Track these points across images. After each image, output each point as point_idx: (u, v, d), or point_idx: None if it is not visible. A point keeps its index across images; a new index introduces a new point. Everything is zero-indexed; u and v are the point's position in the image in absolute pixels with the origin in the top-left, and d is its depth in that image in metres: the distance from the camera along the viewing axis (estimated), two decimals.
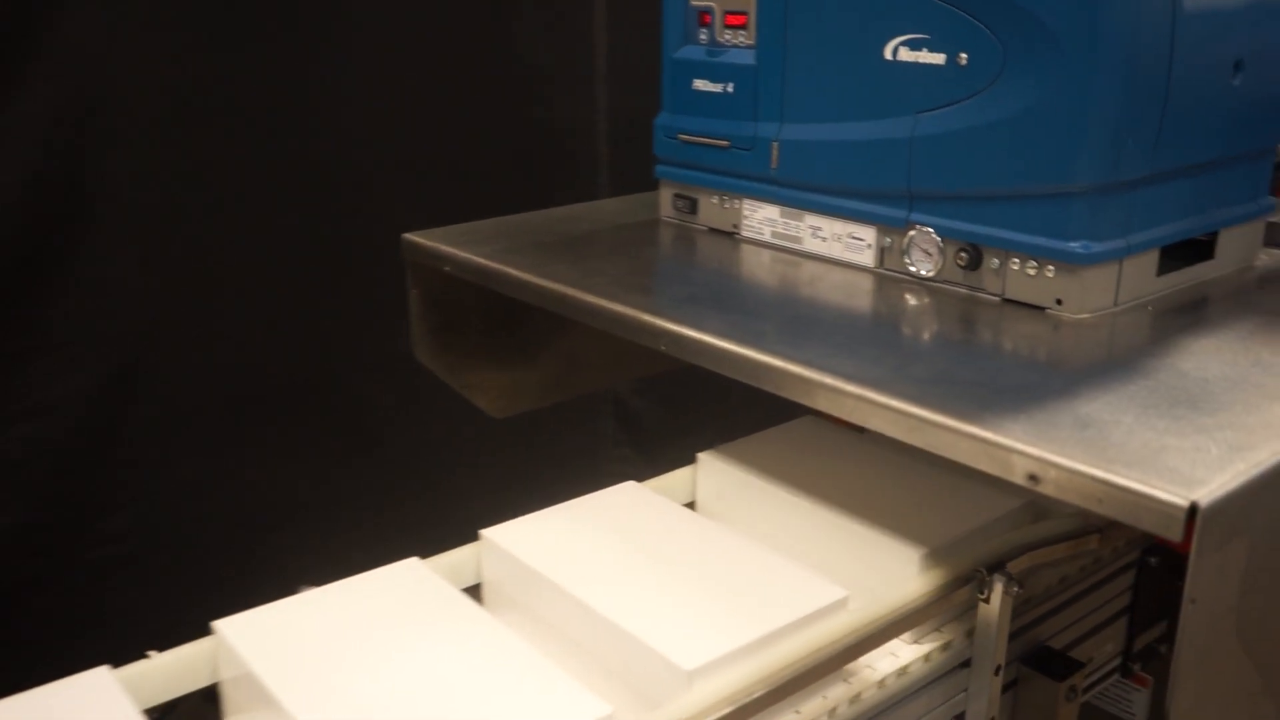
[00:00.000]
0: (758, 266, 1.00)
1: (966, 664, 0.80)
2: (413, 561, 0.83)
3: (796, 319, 0.87)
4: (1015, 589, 0.76)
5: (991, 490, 0.90)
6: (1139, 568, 0.94)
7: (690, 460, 1.02)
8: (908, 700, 0.76)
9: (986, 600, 0.77)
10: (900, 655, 0.77)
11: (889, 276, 0.95)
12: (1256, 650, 0.66)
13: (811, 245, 1.01)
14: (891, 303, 0.90)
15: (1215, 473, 0.59)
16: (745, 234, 1.07)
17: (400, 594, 0.78)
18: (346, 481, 1.51)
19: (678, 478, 1.02)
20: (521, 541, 0.85)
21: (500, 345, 1.21)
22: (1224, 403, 0.69)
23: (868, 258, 0.97)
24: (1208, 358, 0.76)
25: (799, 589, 0.78)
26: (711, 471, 1.00)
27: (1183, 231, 0.89)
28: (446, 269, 1.06)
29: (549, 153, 1.61)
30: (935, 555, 0.81)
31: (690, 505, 0.99)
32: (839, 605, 0.77)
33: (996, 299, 0.88)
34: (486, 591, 0.88)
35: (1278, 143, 0.94)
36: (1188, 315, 0.86)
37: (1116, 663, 0.95)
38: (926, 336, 0.84)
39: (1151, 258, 0.87)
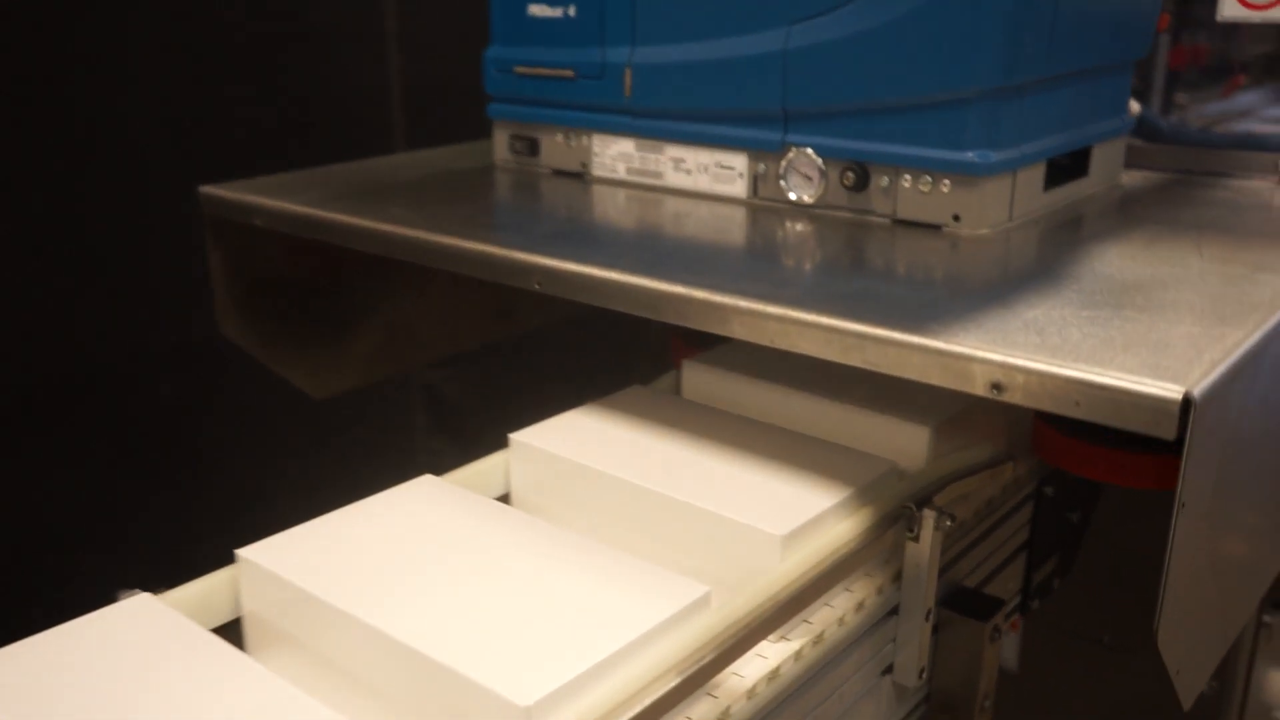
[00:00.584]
0: (617, 205, 0.91)
1: (893, 612, 0.73)
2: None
3: (678, 251, 0.78)
4: (947, 522, 0.70)
5: (852, 458, 0.77)
6: (1036, 500, 0.90)
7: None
8: (841, 659, 0.69)
9: (916, 538, 0.70)
10: (835, 605, 0.69)
11: (766, 207, 0.87)
12: (1220, 557, 0.62)
13: (674, 180, 0.92)
14: (776, 231, 0.82)
15: (1193, 365, 0.54)
16: (596, 173, 0.97)
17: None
18: (148, 483, 1.32)
19: (487, 467, 0.79)
20: (288, 559, 0.63)
21: (317, 315, 1.07)
22: (1164, 301, 0.65)
23: (739, 188, 0.89)
24: (1125, 263, 0.72)
25: (652, 590, 0.60)
26: (527, 456, 0.78)
27: (1066, 144, 0.85)
28: (256, 222, 0.91)
29: (339, 115, 1.46)
30: (847, 503, 0.73)
31: (505, 498, 0.80)
32: (701, 603, 0.59)
33: (886, 220, 0.82)
34: (249, 622, 0.66)
35: (1143, 55, 0.92)
36: (1080, 228, 0.82)
37: (1016, 601, 0.91)
38: (827, 259, 0.76)
39: (1039, 172, 0.83)
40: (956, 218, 0.79)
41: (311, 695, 0.52)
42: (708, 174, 0.90)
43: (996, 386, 0.56)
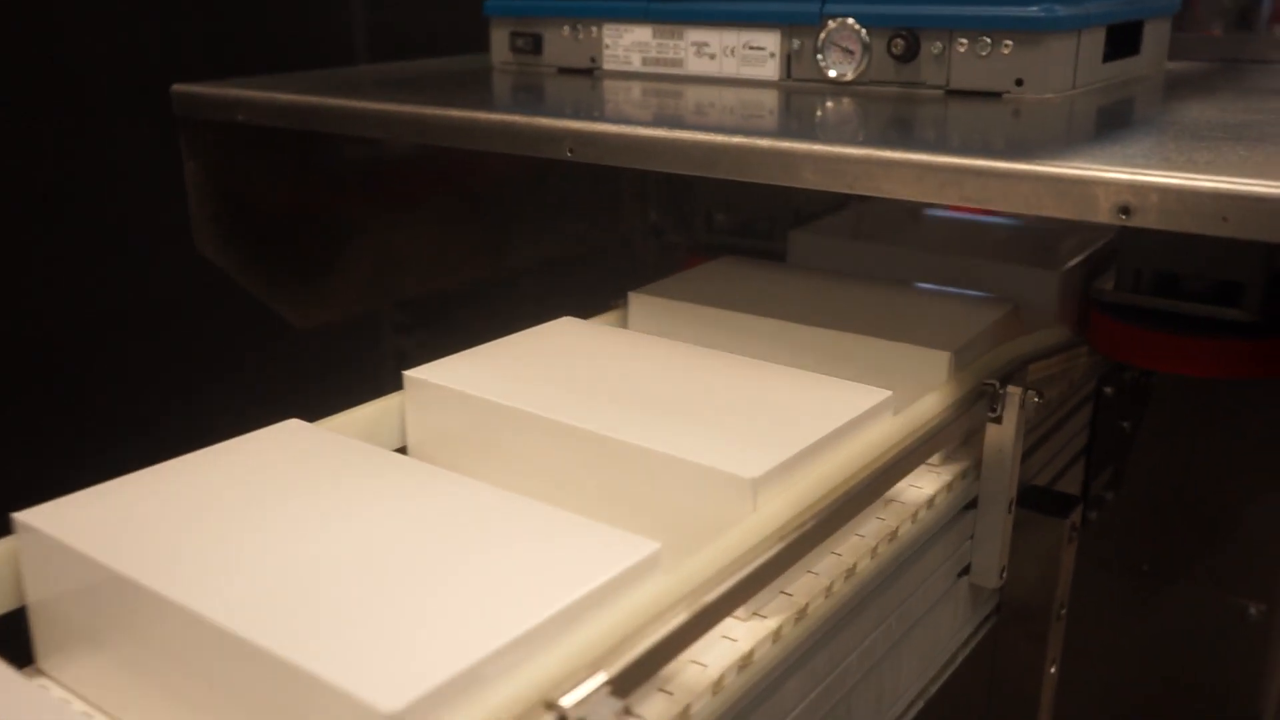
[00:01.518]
0: (638, 95, 0.83)
1: (971, 505, 0.66)
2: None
3: (718, 125, 0.71)
4: (1035, 399, 0.63)
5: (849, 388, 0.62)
6: (1096, 400, 0.84)
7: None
8: (923, 551, 0.62)
9: (999, 419, 0.64)
10: (921, 484, 0.62)
11: (801, 89, 0.80)
12: None
13: (697, 67, 0.85)
14: (817, 109, 0.75)
15: None
16: (608, 67, 0.90)
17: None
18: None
19: (373, 413, 0.61)
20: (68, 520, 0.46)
21: (300, 239, 0.99)
22: (1273, 134, 0.58)
23: (771, 69, 0.82)
24: (1219, 113, 0.66)
25: (601, 547, 0.45)
26: (426, 396, 0.61)
27: (1124, 11, 0.79)
28: (240, 118, 0.82)
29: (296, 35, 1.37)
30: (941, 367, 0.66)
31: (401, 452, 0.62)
32: (650, 562, 0.44)
33: (939, 92, 0.75)
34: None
35: None
36: (1150, 94, 0.76)
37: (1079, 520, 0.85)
38: (882, 127, 0.69)
39: (1100, 38, 0.77)
40: (1019, 82, 0.72)
41: None
42: (734, 57, 0.83)
43: (1125, 210, 0.49)
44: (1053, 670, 0.75)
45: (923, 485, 0.63)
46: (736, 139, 0.60)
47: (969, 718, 0.77)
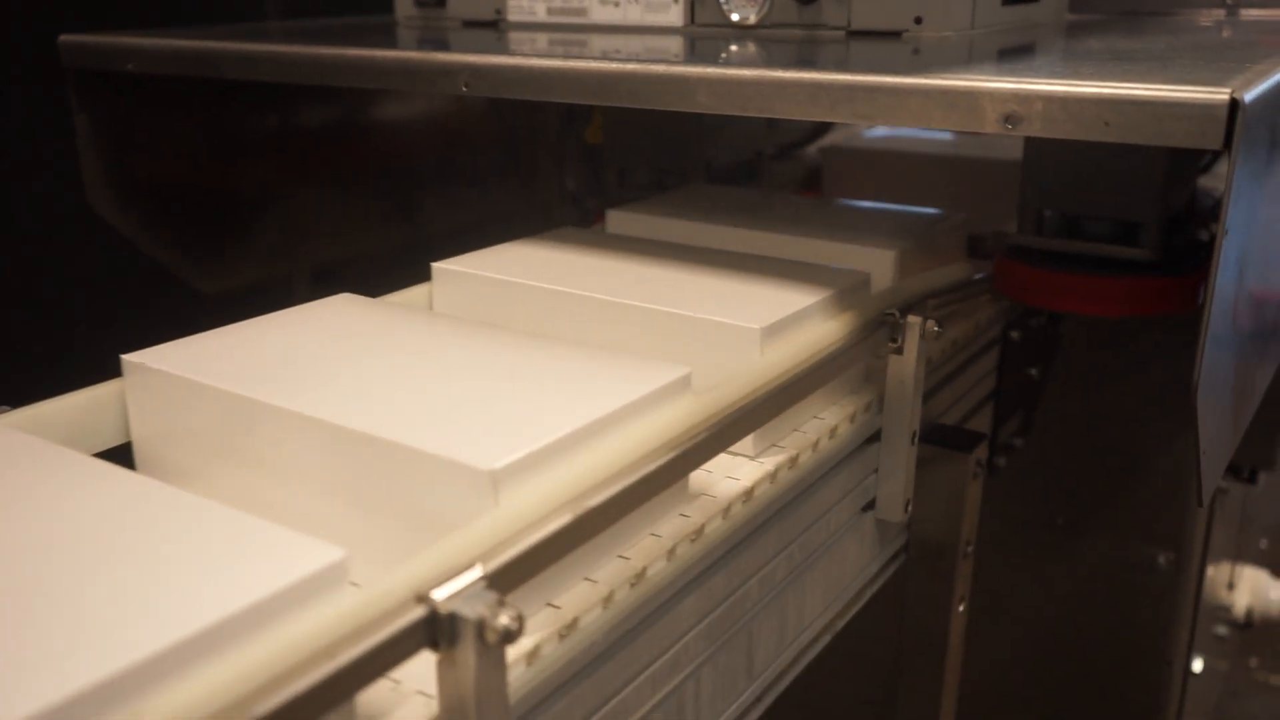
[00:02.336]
0: (542, 43, 0.82)
1: (874, 439, 0.66)
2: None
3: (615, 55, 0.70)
4: (935, 330, 0.63)
5: (820, 271, 0.67)
6: (1003, 344, 0.85)
7: None
8: (820, 485, 0.61)
9: (900, 350, 0.64)
10: (809, 430, 0.61)
11: (705, 34, 0.80)
12: (1254, 309, 0.57)
13: (601, 15, 0.84)
14: (722, 52, 0.75)
15: (1227, 82, 0.48)
16: (513, 19, 0.89)
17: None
18: None
19: (407, 299, 0.69)
20: (189, 362, 0.52)
21: (206, 193, 0.96)
22: (1168, 58, 0.59)
23: (674, 15, 0.81)
24: (1111, 43, 0.67)
25: (626, 372, 0.51)
26: (454, 283, 0.68)
27: None
28: (130, 67, 0.80)
29: None
30: (826, 305, 0.64)
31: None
32: (682, 384, 0.51)
33: (840, 33, 0.75)
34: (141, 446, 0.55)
35: None
36: (1048, 34, 0.77)
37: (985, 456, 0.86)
38: (785, 58, 0.69)
39: None
40: (919, 20, 0.73)
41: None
42: (638, 4, 0.82)
43: (1010, 119, 0.49)
44: (961, 609, 0.75)
45: (825, 416, 0.62)
46: (631, 65, 0.59)
47: (879, 655, 0.77)
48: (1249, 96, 0.45)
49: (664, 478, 0.45)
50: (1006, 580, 1.07)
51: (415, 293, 0.70)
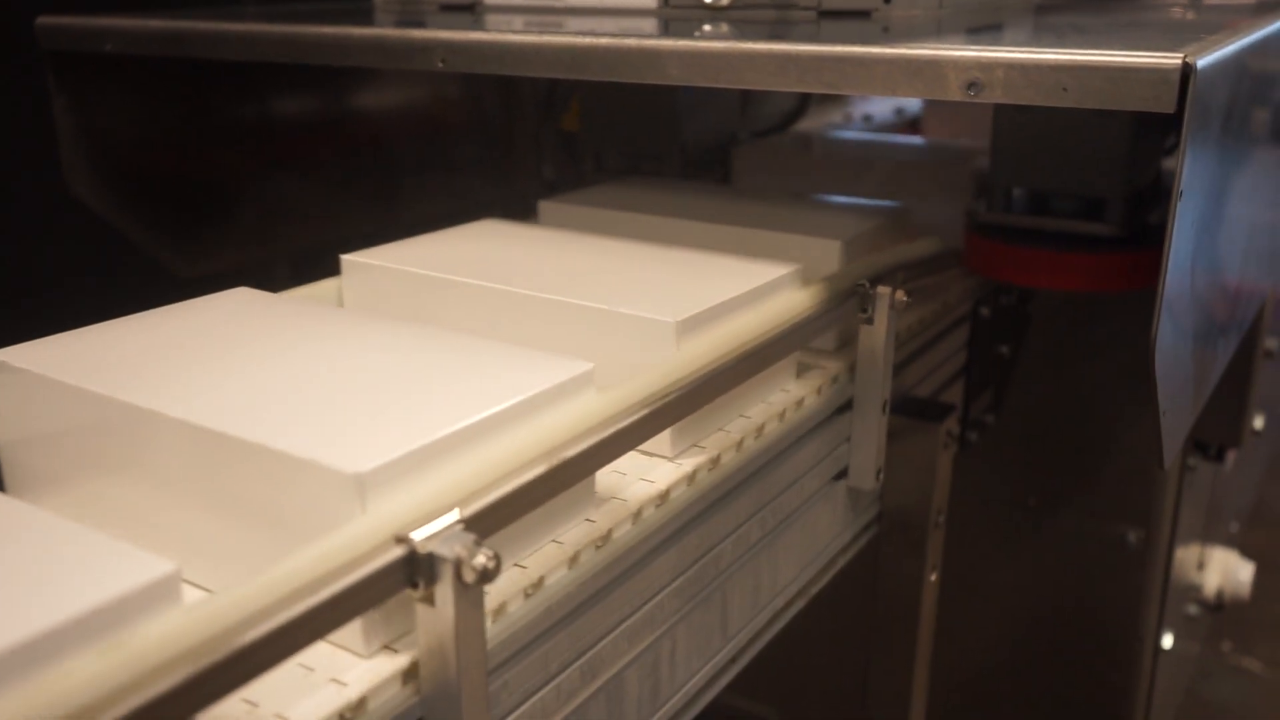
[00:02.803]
0: (518, 25, 0.83)
1: (845, 408, 0.68)
2: None
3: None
4: (904, 300, 0.64)
5: (758, 264, 0.65)
6: (973, 321, 0.86)
7: None
8: (794, 450, 0.63)
9: (870, 320, 0.65)
10: (790, 390, 0.63)
11: (679, 16, 0.81)
12: (1211, 269, 0.58)
13: None
14: (694, 32, 0.76)
15: (1180, 48, 0.49)
16: (490, 1, 0.90)
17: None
18: None
19: (314, 293, 0.67)
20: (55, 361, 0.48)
21: (184, 177, 0.96)
22: (1128, 30, 0.61)
23: None
24: (1076, 18, 0.68)
25: (525, 368, 0.48)
26: (363, 277, 0.65)
27: None
28: (108, 48, 0.80)
29: None
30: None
31: None
32: (584, 380, 0.49)
33: (811, 13, 0.77)
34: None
35: None
36: (1015, 12, 0.79)
37: (957, 430, 0.87)
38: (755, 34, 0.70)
39: None
40: (888, 0, 0.74)
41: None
42: None
43: (973, 85, 0.51)
44: (933, 578, 0.77)
45: (791, 388, 0.64)
46: (604, 40, 0.60)
47: (852, 624, 0.79)
48: (1202, 62, 0.47)
49: (627, 437, 0.46)
50: (978, 557, 1.09)
51: (324, 286, 0.67)
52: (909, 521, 0.74)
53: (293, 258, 1.20)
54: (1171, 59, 0.47)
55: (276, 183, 1.04)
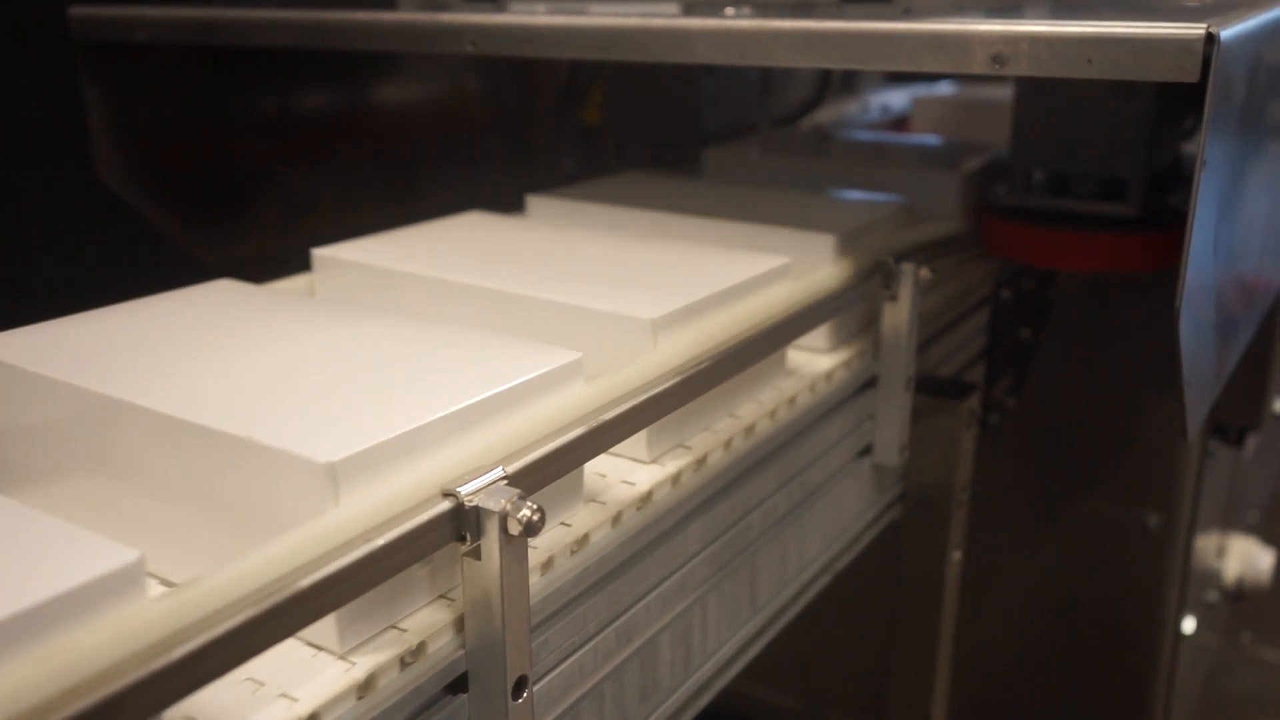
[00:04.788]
0: (540, 9, 0.84)
1: (870, 385, 0.68)
2: None
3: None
4: (927, 277, 0.65)
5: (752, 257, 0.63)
6: (994, 304, 0.87)
7: None
8: (820, 425, 0.63)
9: (894, 297, 0.66)
10: (819, 362, 0.64)
11: (702, 2, 0.82)
12: (1236, 243, 0.59)
13: None
14: (721, 10, 0.77)
15: (1203, 22, 0.50)
16: None
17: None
18: None
19: (285, 288, 0.65)
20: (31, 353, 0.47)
21: (212, 167, 0.98)
22: (1148, 7, 0.61)
23: None
24: (1100, 8, 0.69)
25: (511, 357, 0.47)
26: (336, 273, 0.63)
27: None
28: (140, 37, 0.82)
29: None
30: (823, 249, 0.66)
31: None
32: (573, 369, 0.47)
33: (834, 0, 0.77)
34: None
35: None
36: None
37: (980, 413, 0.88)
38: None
39: None
40: None
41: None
42: None
43: (998, 59, 0.52)
44: (956, 556, 0.78)
45: (822, 362, 0.64)
46: (632, 20, 0.61)
47: (878, 600, 0.80)
48: (1225, 33, 0.48)
49: (664, 402, 0.47)
50: (999, 542, 1.09)
51: (296, 282, 0.65)
52: (933, 499, 0.75)
53: (316, 246, 1.21)
54: (1195, 29, 0.47)
55: (300, 173, 1.05)
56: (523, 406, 0.44)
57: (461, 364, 0.46)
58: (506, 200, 1.28)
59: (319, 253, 0.63)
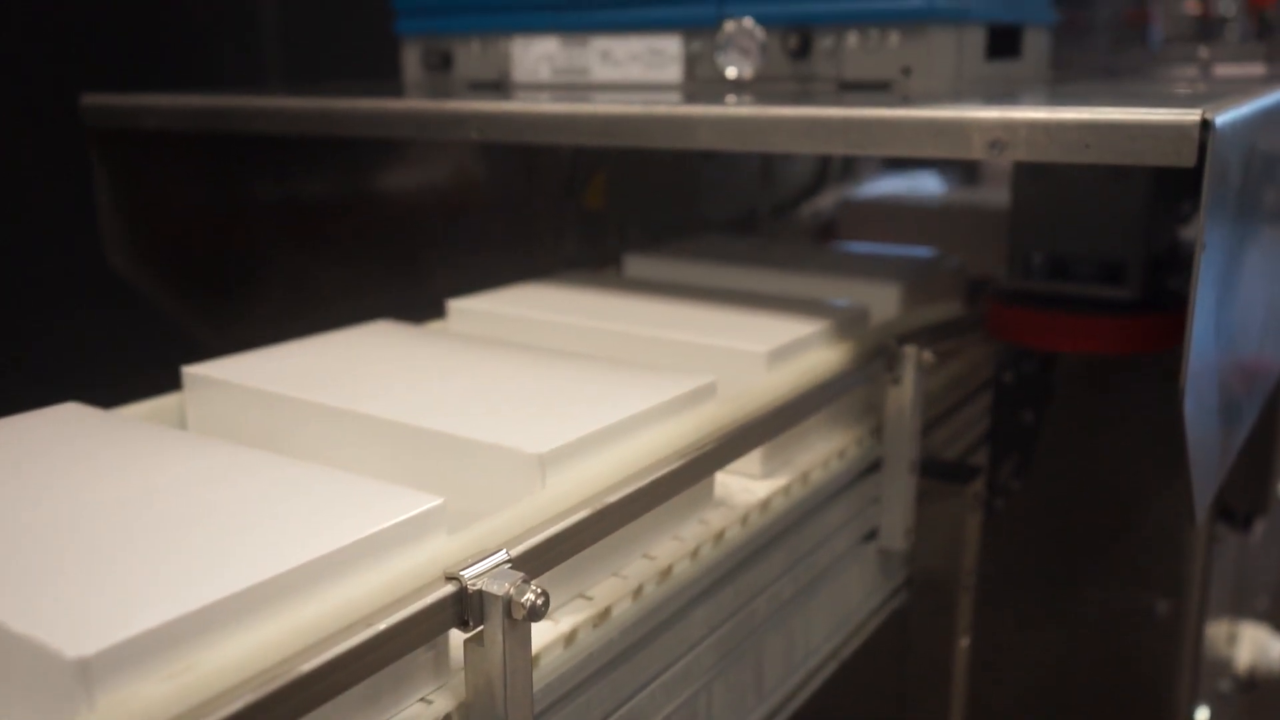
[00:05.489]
0: (544, 98, 0.86)
1: (875, 468, 0.68)
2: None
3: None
4: (930, 360, 0.65)
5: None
6: (996, 387, 0.87)
7: None
8: (825, 509, 0.63)
9: (897, 380, 0.66)
10: (817, 448, 0.63)
11: (704, 91, 0.83)
12: (1239, 323, 0.59)
13: (603, 74, 0.88)
14: (723, 96, 0.78)
15: (1201, 107, 0.51)
16: (517, 79, 0.92)
17: None
18: None
19: (151, 410, 0.58)
20: None
21: (216, 259, 0.99)
22: (1146, 91, 0.62)
23: (673, 72, 0.85)
24: (1092, 86, 0.70)
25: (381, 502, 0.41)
26: (207, 394, 0.57)
27: (1002, 12, 0.84)
28: (151, 124, 0.83)
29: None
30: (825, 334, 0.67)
31: None
32: (435, 513, 0.41)
33: (832, 85, 0.79)
34: None
35: None
36: (1031, 84, 0.81)
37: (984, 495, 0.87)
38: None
39: (981, 36, 0.81)
40: (906, 71, 0.76)
41: None
42: (639, 62, 0.86)
43: (996, 144, 0.52)
44: (964, 643, 0.76)
45: (823, 447, 0.64)
46: (635, 108, 0.62)
47: (885, 688, 0.78)
48: (1220, 118, 0.48)
49: (680, 480, 0.46)
50: (1007, 627, 1.08)
51: (166, 402, 0.59)
52: (939, 585, 0.74)
53: (320, 331, 1.22)
54: (1191, 114, 0.48)
55: (304, 256, 1.06)
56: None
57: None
58: (508, 283, 1.29)
59: (189, 370, 0.57)
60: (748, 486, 0.57)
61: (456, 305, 0.71)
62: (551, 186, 1.28)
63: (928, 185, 1.37)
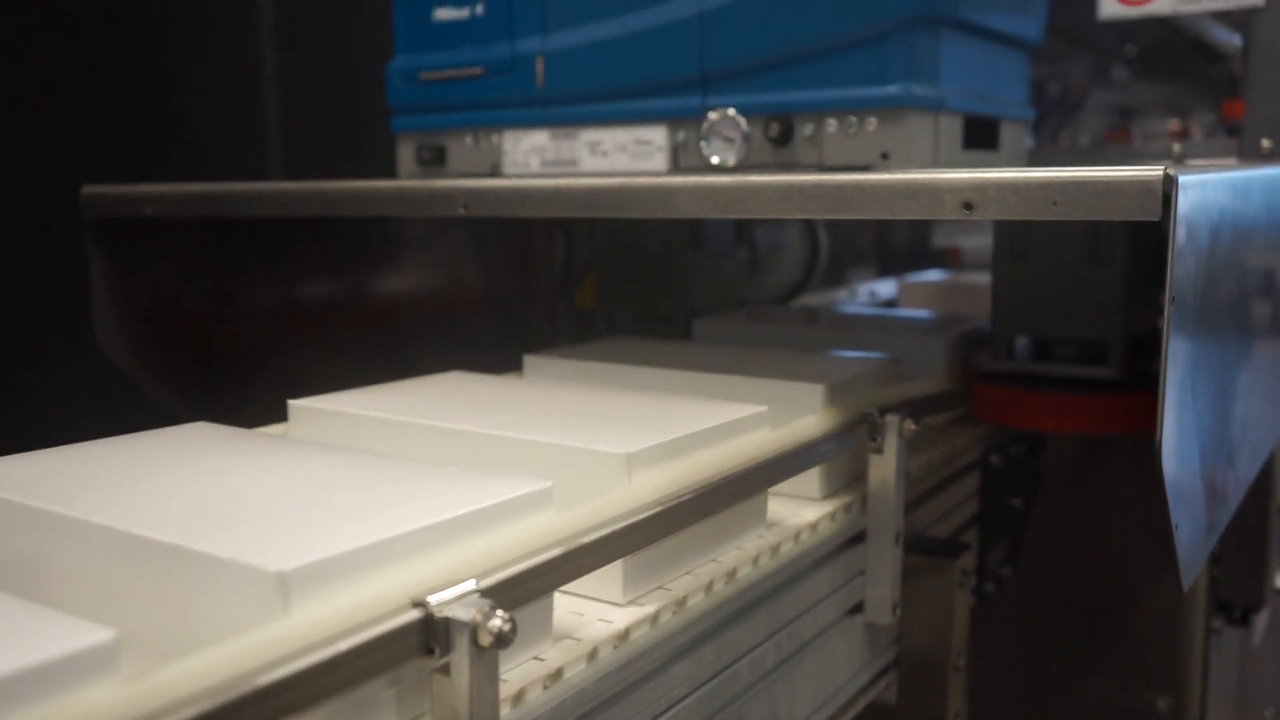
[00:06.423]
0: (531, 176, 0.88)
1: (859, 539, 0.68)
2: None
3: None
4: (911, 427, 0.65)
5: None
6: (983, 469, 0.87)
7: None
8: (807, 576, 0.62)
9: (880, 450, 0.66)
10: (804, 513, 0.63)
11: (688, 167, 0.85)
12: (1217, 375, 0.59)
13: (591, 164, 0.90)
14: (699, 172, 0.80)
15: (1165, 169, 0.52)
16: (509, 170, 0.94)
17: None
18: None
19: None
20: None
21: (207, 346, 1.00)
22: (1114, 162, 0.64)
23: (659, 161, 0.87)
24: (1061, 160, 0.72)
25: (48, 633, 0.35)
26: None
27: (979, 104, 0.86)
28: (148, 212, 0.85)
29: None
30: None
31: None
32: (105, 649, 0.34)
33: (813, 170, 0.81)
34: None
35: (1036, 40, 0.95)
36: None
37: (974, 582, 0.86)
38: None
39: (958, 124, 0.84)
40: (885, 155, 0.78)
41: None
42: (626, 153, 0.88)
43: (968, 205, 0.53)
44: None
45: (807, 513, 0.64)
46: (616, 180, 0.64)
47: None
48: (1183, 176, 0.50)
49: (643, 531, 0.46)
50: None
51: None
52: (929, 664, 0.73)
53: None
54: (1154, 170, 0.49)
55: (296, 346, 1.07)
56: (492, 529, 0.43)
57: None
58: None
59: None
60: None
61: (295, 405, 0.66)
62: (545, 285, 1.30)
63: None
